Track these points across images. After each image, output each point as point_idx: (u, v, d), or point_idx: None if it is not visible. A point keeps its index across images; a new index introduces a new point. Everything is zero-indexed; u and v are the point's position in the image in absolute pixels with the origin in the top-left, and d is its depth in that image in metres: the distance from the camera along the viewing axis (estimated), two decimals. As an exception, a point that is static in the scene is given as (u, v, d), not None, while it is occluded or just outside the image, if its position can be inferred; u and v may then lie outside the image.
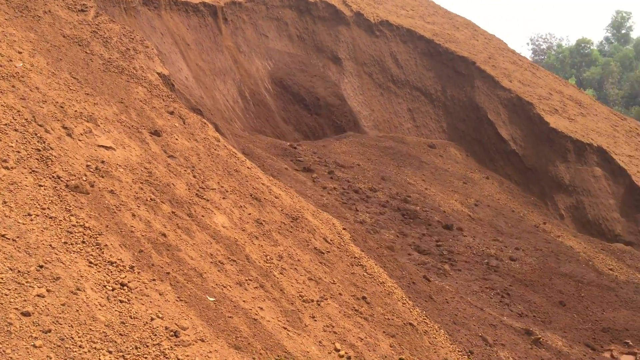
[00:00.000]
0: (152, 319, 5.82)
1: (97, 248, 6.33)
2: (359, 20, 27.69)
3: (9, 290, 5.15)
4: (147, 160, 8.89)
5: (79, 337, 5.06)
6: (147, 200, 7.89)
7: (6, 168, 6.60)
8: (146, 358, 5.28)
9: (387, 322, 9.11)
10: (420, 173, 22.04)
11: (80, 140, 8.04)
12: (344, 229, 11.79)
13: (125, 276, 6.17)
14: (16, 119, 7.48)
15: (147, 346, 5.43)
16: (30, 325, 4.94)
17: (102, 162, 7.92)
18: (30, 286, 5.29)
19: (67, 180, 7.02)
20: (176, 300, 6.40)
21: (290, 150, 19.88)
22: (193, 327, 6.12)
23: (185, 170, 9.46)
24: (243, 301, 7.31)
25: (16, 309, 5.01)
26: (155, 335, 5.63)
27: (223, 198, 9.45)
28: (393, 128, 26.19)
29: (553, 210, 22.85)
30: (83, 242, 6.26)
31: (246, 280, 7.81)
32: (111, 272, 6.11)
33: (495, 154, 25.17)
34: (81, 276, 5.76)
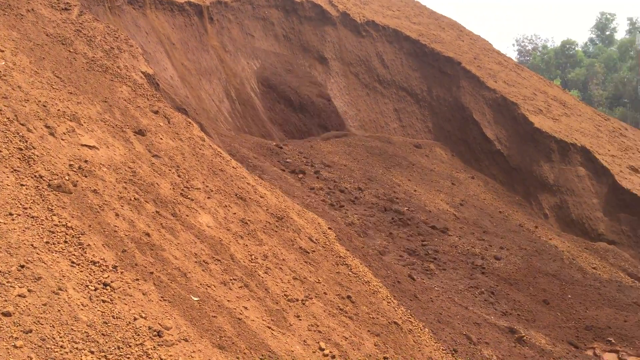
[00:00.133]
0: (135, 319, 5.79)
1: (80, 248, 6.29)
2: (345, 20, 27.74)
3: (-10, 290, 5.11)
4: (131, 159, 8.85)
5: (61, 337, 5.03)
6: (131, 199, 7.86)
7: (-13, 167, 6.54)
8: (129, 358, 5.26)
9: (372, 321, 9.13)
10: (406, 173, 22.12)
11: (63, 139, 7.99)
12: (330, 229, 11.80)
13: (108, 276, 6.13)
14: (-2, 118, 7.41)
15: (130, 346, 5.40)
16: (11, 325, 4.90)
17: (85, 162, 7.87)
18: (11, 286, 5.25)
19: (50, 179, 6.97)
20: (160, 300, 6.37)
21: (276, 150, 19.87)
22: (177, 327, 6.10)
23: (169, 169, 9.43)
24: (227, 301, 7.30)
25: (-3, 309, 4.97)
26: (138, 335, 5.61)
27: (208, 197, 9.44)
28: (379, 128, 26.26)
29: (537, 209, 23.03)
30: (65, 242, 6.22)
31: (231, 279, 7.80)
32: (94, 272, 6.08)
33: (480, 154, 25.32)
34: (63, 276, 5.72)
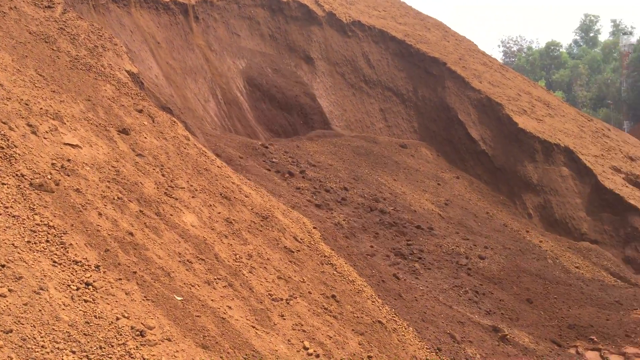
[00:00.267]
0: (118, 319, 5.76)
1: (62, 247, 6.24)
2: (332, 20, 27.76)
3: (-30, 290, 5.06)
4: (115, 158, 8.80)
5: (42, 337, 4.99)
6: (114, 199, 7.81)
7: (-32, 166, 6.48)
8: (111, 358, 5.23)
9: (356, 320, 9.16)
10: (392, 173, 22.18)
11: (45, 138, 7.92)
12: (315, 228, 11.82)
13: (90, 275, 6.10)
14: (-21, 116, 7.34)
15: (112, 346, 5.37)
16: (-9, 325, 4.86)
17: (68, 161, 7.81)
18: (-9, 286, 5.20)
19: (32, 178, 6.91)
20: (143, 299, 6.34)
21: (261, 149, 19.84)
22: (160, 327, 6.08)
23: (153, 169, 9.39)
24: (211, 300, 7.29)
25: (-23, 309, 4.93)
26: (120, 335, 5.58)
27: (192, 197, 9.41)
28: (365, 128, 26.32)
29: (521, 209, 23.20)
30: (47, 241, 6.17)
31: (215, 279, 7.78)
32: (76, 272, 6.04)
33: (465, 154, 25.46)
34: (45, 275, 5.67)
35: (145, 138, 10.08)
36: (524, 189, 23.67)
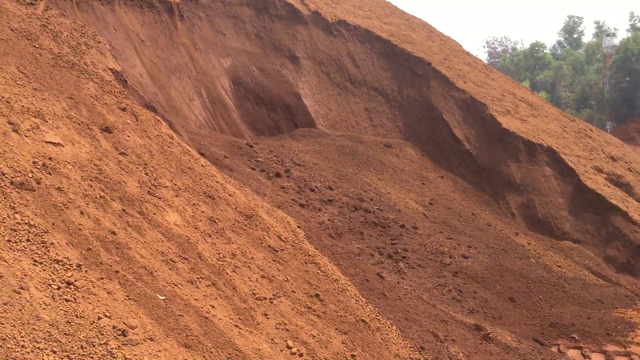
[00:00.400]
0: (100, 318, 5.72)
1: (43, 246, 6.19)
2: (317, 19, 27.76)
3: (-52, 289, 5.00)
4: (97, 157, 8.73)
5: (22, 337, 4.94)
6: (97, 197, 7.76)
7: (-53, 164, 6.40)
8: (92, 358, 5.19)
9: (340, 319, 9.18)
10: (376, 172, 22.24)
11: (27, 136, 7.85)
12: (299, 227, 11.82)
13: (71, 275, 6.05)
14: (-42, 114, 7.26)
15: (94, 345, 5.34)
16: (-30, 325, 4.81)
17: (50, 159, 7.74)
18: (-30, 285, 5.15)
19: (12, 176, 6.84)
20: (125, 299, 6.31)
21: (246, 148, 19.81)
22: (142, 326, 6.05)
23: (137, 167, 9.34)
24: (194, 299, 7.26)
25: (-45, 309, 4.87)
26: (102, 334, 5.55)
27: (176, 196, 9.37)
28: (350, 127, 26.36)
29: (505, 208, 23.37)
30: (28, 240, 6.11)
31: (198, 278, 7.76)
32: (57, 271, 5.99)
33: (449, 154, 25.59)
34: (25, 275, 5.62)
35: (128, 136, 10.02)
36: (508, 189, 23.85)
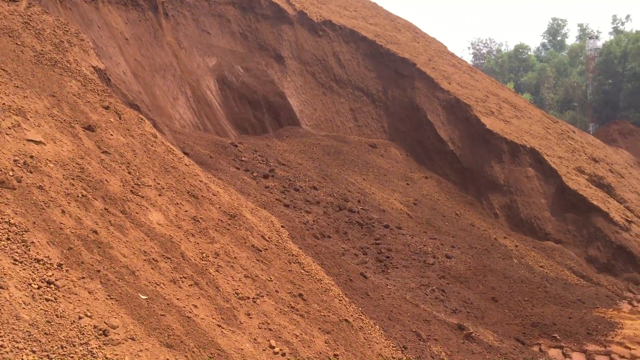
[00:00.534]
0: (80, 318, 5.69)
1: (23, 245, 6.13)
2: (303, 19, 27.76)
3: None
4: (80, 155, 8.67)
5: (1, 337, 4.90)
6: (79, 196, 7.70)
7: None
8: (72, 357, 5.16)
9: (323, 319, 9.19)
10: (361, 172, 22.30)
11: (7, 134, 7.77)
12: (283, 227, 11.81)
13: (52, 274, 6.00)
14: (-62, 111, 7.17)
15: (74, 345, 5.30)
16: (-52, 324, 4.76)
17: (31, 157, 7.68)
18: (-52, 284, 5.09)
19: (-8, 175, 6.78)
20: (106, 298, 6.27)
21: (231, 148, 19.76)
22: (123, 326, 6.01)
23: (119, 166, 9.28)
24: (177, 299, 7.24)
25: None
26: (82, 334, 5.51)
27: (159, 195, 9.32)
28: (335, 127, 26.39)
29: (488, 209, 23.54)
30: (8, 239, 6.05)
31: (181, 277, 7.73)
32: (37, 270, 5.94)
33: (434, 154, 25.72)
34: (4, 274, 5.57)
35: (111, 135, 9.96)
36: (491, 189, 24.03)
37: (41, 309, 5.48)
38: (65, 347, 5.22)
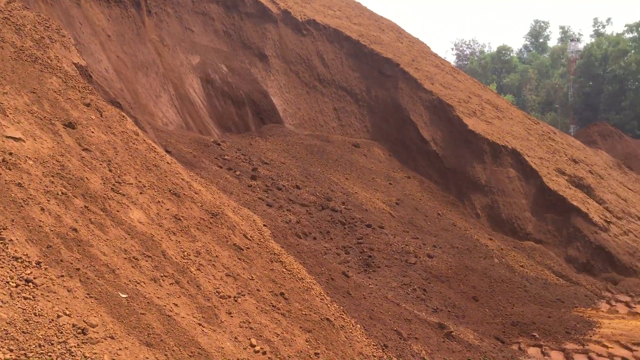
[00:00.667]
0: (59, 316, 5.65)
1: (1, 243, 6.07)
2: (287, 18, 27.74)
3: None
4: (60, 153, 8.59)
5: (-23, 335, 4.86)
6: (58, 194, 7.64)
7: None
8: (50, 356, 5.12)
9: (304, 318, 9.21)
10: (344, 172, 22.35)
11: (-14, 130, 7.69)
12: (265, 226, 11.81)
13: (30, 272, 5.95)
14: None
15: (52, 344, 5.26)
16: None
17: (10, 154, 7.60)
18: None
19: (-30, 172, 6.71)
20: (85, 296, 6.23)
21: (214, 146, 19.70)
22: (103, 324, 5.98)
23: (100, 164, 9.22)
24: (157, 297, 7.21)
25: None
26: (61, 332, 5.47)
27: (140, 193, 9.27)
28: (318, 127, 26.42)
29: (470, 209, 23.72)
30: (-15, 237, 6.00)
31: (161, 276, 7.70)
32: (15, 268, 5.88)
33: (416, 154, 25.85)
34: (-18, 272, 5.52)
35: (92, 132, 9.88)
36: (473, 189, 24.21)
37: (19, 308, 5.43)
38: (43, 346, 5.18)
